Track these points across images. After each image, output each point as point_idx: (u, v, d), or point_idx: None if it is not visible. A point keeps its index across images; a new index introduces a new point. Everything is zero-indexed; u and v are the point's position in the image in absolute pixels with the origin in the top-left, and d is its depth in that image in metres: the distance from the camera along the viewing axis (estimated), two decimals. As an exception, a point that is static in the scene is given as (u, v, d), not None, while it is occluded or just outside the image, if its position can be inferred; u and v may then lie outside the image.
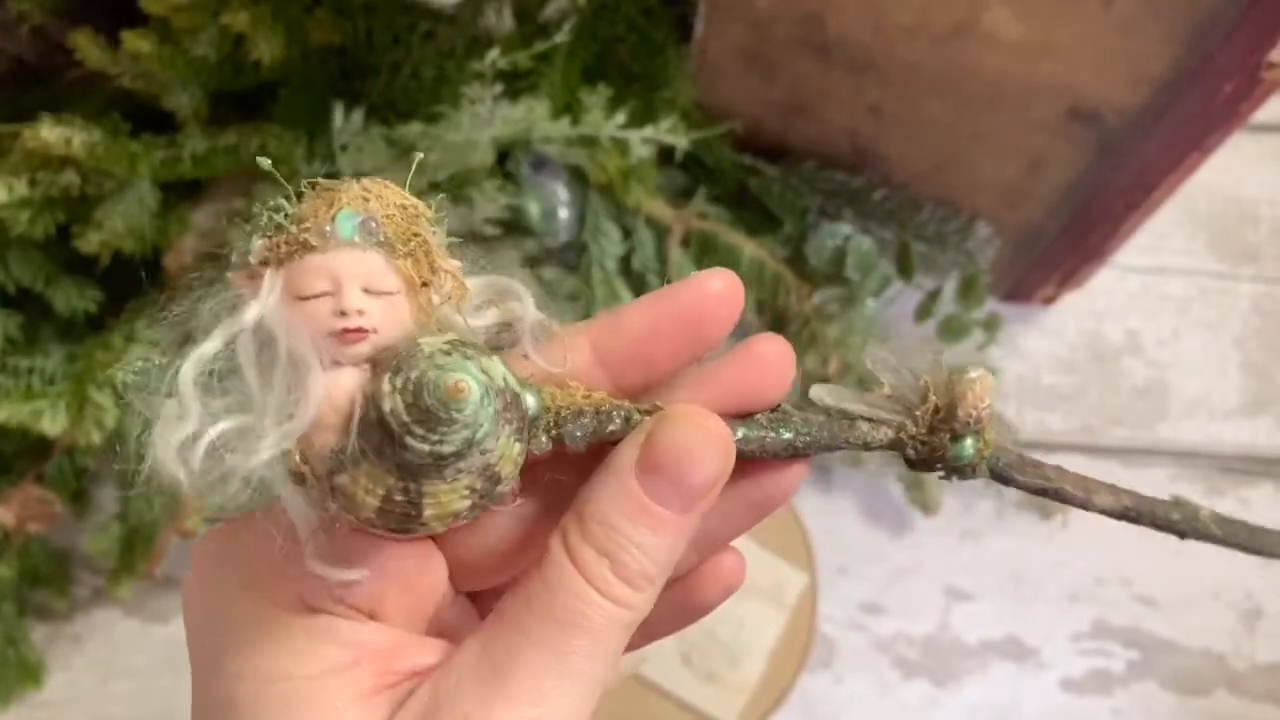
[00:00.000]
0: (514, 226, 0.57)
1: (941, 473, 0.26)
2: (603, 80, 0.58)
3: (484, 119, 0.54)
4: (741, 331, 0.25)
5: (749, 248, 0.60)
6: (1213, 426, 0.69)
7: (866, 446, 0.26)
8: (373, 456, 0.21)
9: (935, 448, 0.25)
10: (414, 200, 0.23)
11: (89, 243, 0.52)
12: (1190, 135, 0.52)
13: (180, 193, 0.55)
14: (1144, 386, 0.70)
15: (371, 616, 0.25)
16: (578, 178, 0.59)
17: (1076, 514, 0.66)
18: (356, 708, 0.23)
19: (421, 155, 0.25)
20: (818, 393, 0.26)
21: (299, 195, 0.23)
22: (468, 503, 0.22)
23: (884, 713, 0.63)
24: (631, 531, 0.23)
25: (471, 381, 0.21)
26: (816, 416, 0.26)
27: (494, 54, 0.54)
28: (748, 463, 0.25)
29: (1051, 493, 0.26)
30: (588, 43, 0.58)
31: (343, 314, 0.21)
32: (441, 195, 0.24)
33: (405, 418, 0.21)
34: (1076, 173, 0.58)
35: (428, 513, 0.22)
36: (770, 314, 0.61)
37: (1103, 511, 0.27)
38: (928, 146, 0.61)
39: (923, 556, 0.66)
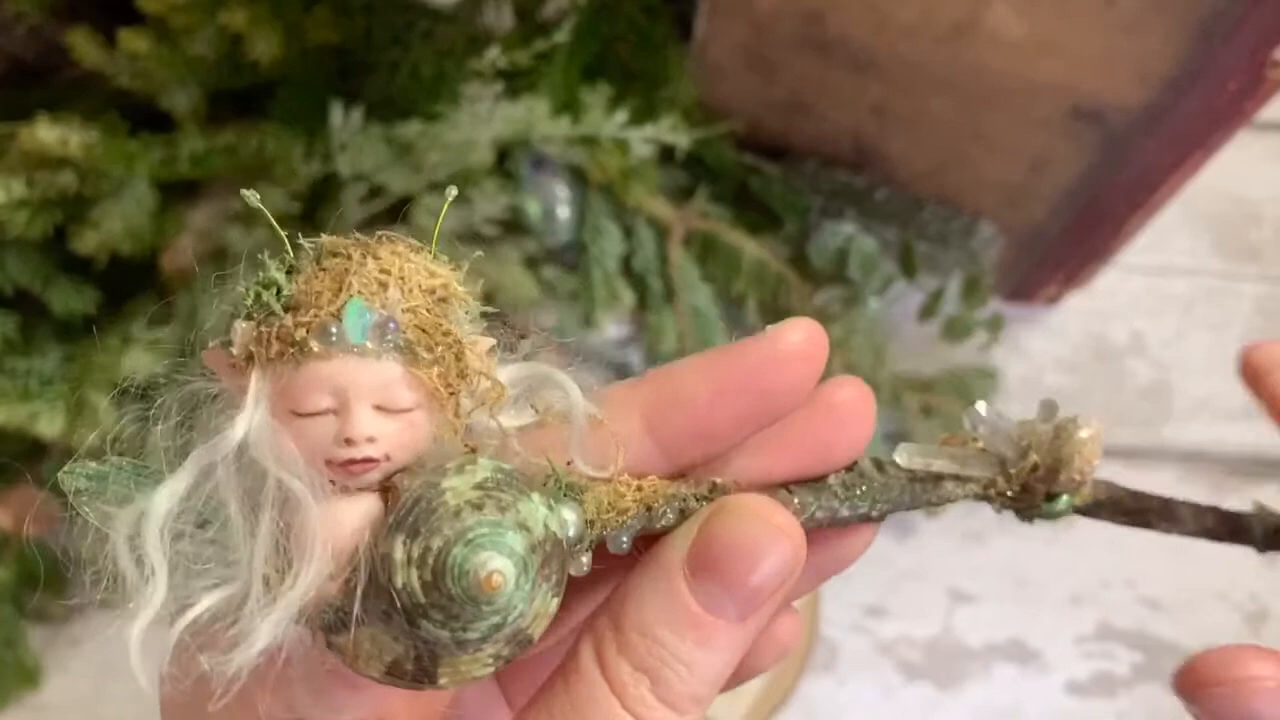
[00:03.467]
0: (514, 226, 0.57)
1: (1020, 517, 0.24)
2: (603, 79, 0.58)
3: (483, 118, 0.53)
4: (745, 331, 0.23)
5: (750, 247, 0.60)
6: (1218, 427, 0.68)
7: (949, 502, 0.23)
8: (379, 622, 0.17)
9: (1027, 505, 0.23)
10: (444, 275, 0.19)
11: (86, 243, 0.51)
12: (1194, 134, 0.52)
13: (178, 193, 0.54)
14: (1148, 387, 0.69)
15: None
16: (578, 177, 0.58)
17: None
18: None
19: (455, 192, 0.20)
20: (905, 455, 0.23)
21: (293, 261, 0.18)
22: (490, 669, 0.18)
23: (886, 716, 0.62)
24: (678, 646, 0.19)
25: (506, 568, 0.17)
26: (898, 477, 0.22)
27: (493, 52, 0.54)
28: (815, 530, 0.22)
29: (1141, 523, 0.25)
30: (588, 41, 0.58)
31: (347, 441, 0.17)
32: (478, 252, 0.20)
33: (421, 599, 0.17)
34: (1080, 172, 0.57)
35: (442, 680, 0.18)
36: (772, 315, 0.61)
37: (1193, 534, 0.25)
38: (930, 146, 0.60)
39: (926, 559, 0.65)
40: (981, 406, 0.23)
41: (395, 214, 0.55)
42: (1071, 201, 0.60)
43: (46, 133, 0.48)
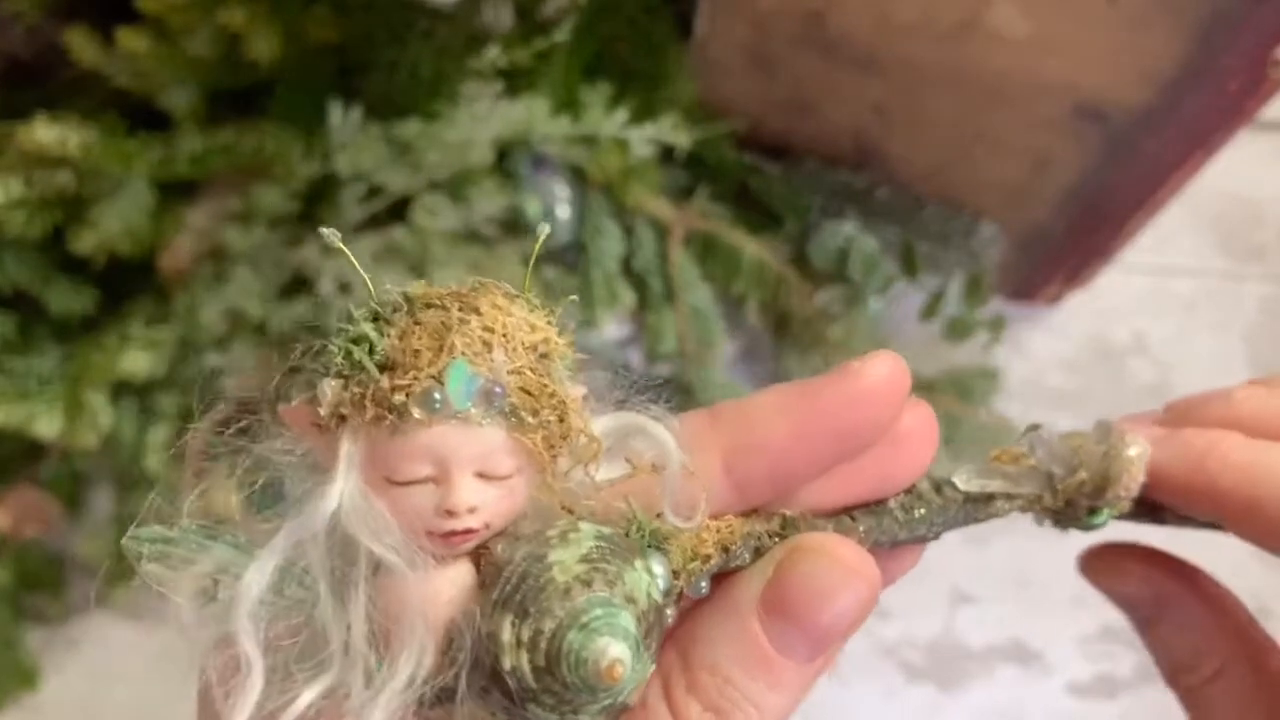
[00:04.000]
0: (514, 226, 0.57)
1: (1056, 526, 0.24)
2: (603, 78, 0.58)
3: (483, 117, 0.53)
4: (745, 331, 0.22)
5: (751, 247, 0.60)
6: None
7: (995, 517, 0.23)
8: (477, 699, 0.17)
9: (1070, 517, 0.24)
10: (544, 328, 0.17)
11: (84, 243, 0.51)
12: (1197, 133, 0.52)
13: (176, 192, 0.54)
14: (1150, 386, 0.69)
15: None
16: (578, 177, 0.58)
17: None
18: None
19: (549, 230, 0.19)
20: (964, 478, 0.23)
21: (382, 311, 0.17)
22: None
23: (888, 717, 0.62)
24: (749, 686, 0.19)
25: (626, 655, 0.16)
26: (954, 499, 0.22)
27: (493, 52, 0.54)
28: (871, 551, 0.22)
29: (1157, 519, 0.25)
30: (588, 40, 0.58)
31: (449, 513, 0.16)
32: (573, 297, 0.18)
33: (532, 684, 0.16)
34: (1082, 171, 0.57)
35: None
36: (773, 315, 0.60)
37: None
38: (932, 145, 0.60)
39: (927, 560, 0.65)
40: (1045, 429, 0.23)
41: (394, 213, 0.55)
42: (1073, 201, 0.59)
43: (45, 132, 0.48)
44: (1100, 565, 0.28)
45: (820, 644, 0.20)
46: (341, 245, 0.17)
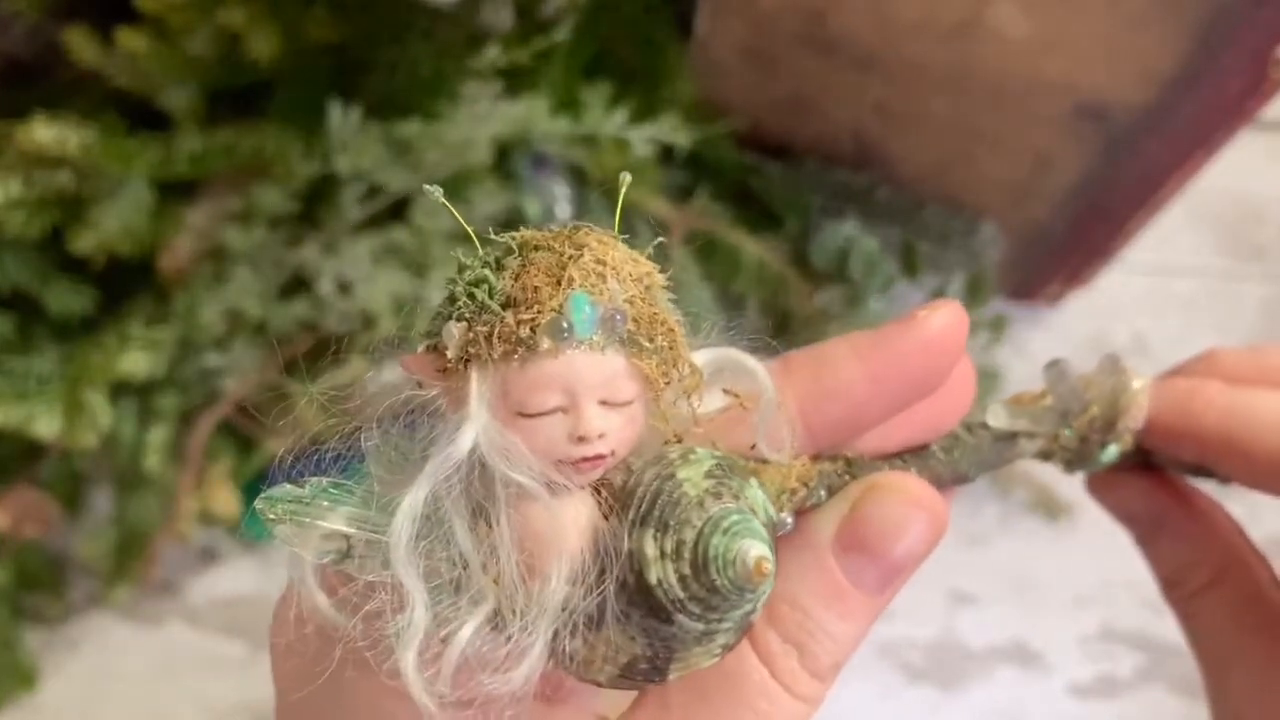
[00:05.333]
0: (514, 226, 0.57)
1: (1067, 469, 0.25)
2: (603, 78, 0.58)
3: (483, 117, 0.53)
4: (746, 332, 0.23)
5: (751, 247, 0.60)
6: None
7: (1019, 458, 0.24)
8: (619, 621, 0.17)
9: (1083, 455, 0.25)
10: (647, 264, 0.18)
11: (84, 243, 0.51)
12: (1197, 133, 0.52)
13: (176, 192, 0.54)
14: (1150, 387, 0.69)
15: None
16: (578, 176, 0.58)
17: (1083, 517, 0.65)
18: None
19: (629, 178, 0.19)
20: (994, 417, 0.24)
21: (495, 256, 0.17)
22: (717, 658, 0.18)
23: (888, 717, 0.62)
24: (825, 617, 0.20)
25: (768, 554, 0.17)
26: (985, 438, 0.24)
27: (493, 51, 0.54)
28: None
29: (1163, 466, 0.26)
30: (588, 40, 0.58)
31: (581, 439, 0.17)
32: (659, 240, 0.19)
33: (680, 593, 0.17)
34: (1083, 170, 0.57)
35: (671, 676, 0.18)
36: (773, 314, 0.60)
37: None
38: (932, 144, 0.60)
39: (927, 561, 0.65)
40: (1064, 363, 0.24)
41: (394, 213, 0.55)
42: (1074, 200, 0.59)
43: (44, 132, 0.48)
44: (1105, 484, 0.29)
45: (890, 575, 0.21)
46: (445, 201, 0.18)
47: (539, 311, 0.17)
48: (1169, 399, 0.26)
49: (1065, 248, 0.63)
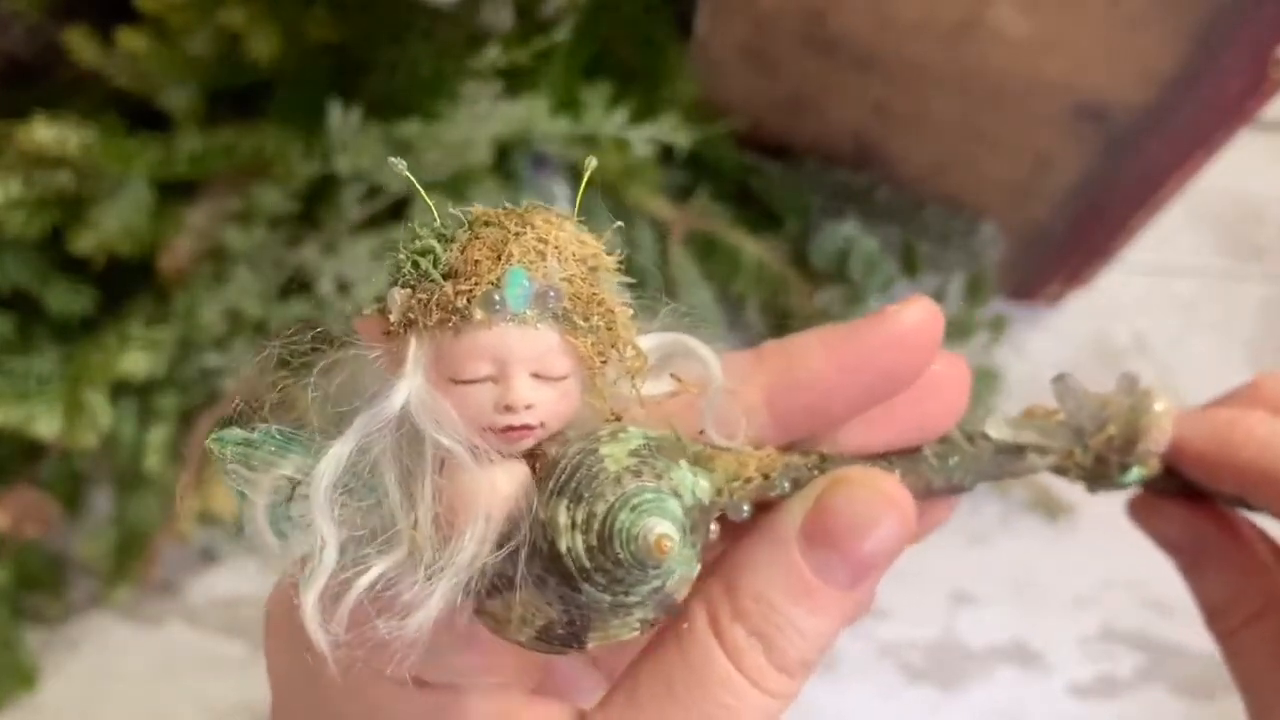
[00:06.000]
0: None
1: (1089, 488, 0.25)
2: (603, 78, 0.58)
3: (483, 117, 0.53)
4: (744, 329, 0.23)
5: (751, 247, 0.60)
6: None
7: (1029, 473, 0.24)
8: (534, 587, 0.18)
9: (1100, 475, 0.24)
10: (595, 245, 0.19)
11: (84, 243, 0.51)
12: (1197, 133, 0.52)
13: (176, 192, 0.54)
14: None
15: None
16: (578, 176, 0.58)
17: (1083, 516, 0.65)
18: None
19: (595, 163, 0.20)
20: (995, 427, 0.23)
21: (445, 229, 0.18)
22: (637, 632, 0.19)
23: (888, 717, 0.62)
24: (792, 612, 0.20)
25: (673, 533, 0.17)
26: (986, 448, 0.23)
27: (493, 51, 0.54)
28: None
29: (1199, 496, 0.25)
30: (588, 40, 0.58)
31: (508, 408, 0.17)
32: (618, 224, 0.19)
33: (586, 563, 0.17)
34: (1083, 170, 0.57)
35: (590, 644, 0.18)
36: (773, 314, 0.60)
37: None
38: (932, 144, 0.60)
39: (927, 560, 0.65)
40: (1070, 378, 0.24)
41: (394, 213, 0.55)
42: (1074, 200, 0.59)
43: (44, 132, 0.48)
44: (1146, 509, 0.28)
45: (859, 572, 0.20)
46: (408, 174, 0.18)
47: (476, 284, 0.17)
48: (1209, 429, 0.25)
49: (1065, 248, 0.63)
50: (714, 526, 0.20)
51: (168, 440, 0.55)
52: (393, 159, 0.19)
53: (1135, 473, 0.24)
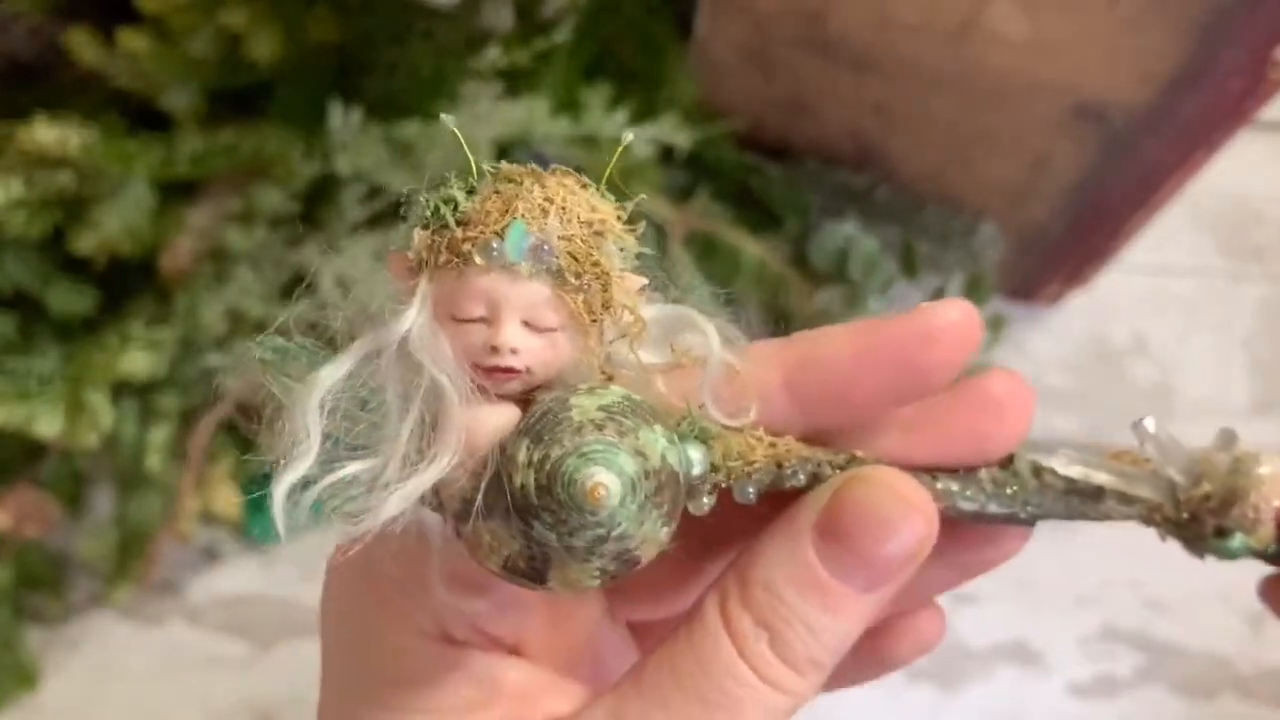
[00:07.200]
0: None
1: (1185, 547, 0.23)
2: (603, 78, 0.58)
3: (483, 118, 0.53)
4: (744, 329, 0.23)
5: (751, 247, 0.60)
6: (1220, 428, 0.68)
7: (1107, 519, 0.22)
8: (499, 518, 0.19)
9: (1196, 537, 0.22)
10: (605, 211, 0.20)
11: (85, 243, 0.51)
12: (1197, 133, 0.52)
13: (177, 193, 0.54)
14: (1150, 388, 0.69)
15: (513, 652, 0.22)
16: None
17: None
18: None
19: (631, 137, 0.22)
20: (1063, 461, 0.22)
21: (474, 182, 0.20)
22: (597, 581, 0.19)
23: (888, 717, 0.62)
24: (800, 606, 0.20)
25: (612, 483, 0.18)
26: (1054, 485, 0.22)
27: (493, 52, 0.54)
28: (958, 523, 0.22)
29: None
30: (588, 41, 0.58)
31: (494, 349, 0.19)
32: (642, 195, 0.20)
33: (534, 500, 0.18)
34: (1082, 171, 0.57)
35: (552, 582, 0.19)
36: (773, 314, 0.60)
37: None
38: (932, 145, 0.60)
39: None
40: (1150, 421, 0.22)
41: (395, 213, 0.55)
42: (1073, 201, 0.60)
43: (45, 132, 0.48)
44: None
45: (876, 575, 0.20)
46: (455, 129, 0.20)
47: (481, 232, 0.19)
48: None
49: (1065, 248, 0.63)
50: (707, 500, 0.20)
51: (169, 440, 0.55)
52: (445, 115, 0.20)
53: (1239, 541, 0.22)
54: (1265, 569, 0.25)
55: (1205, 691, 0.63)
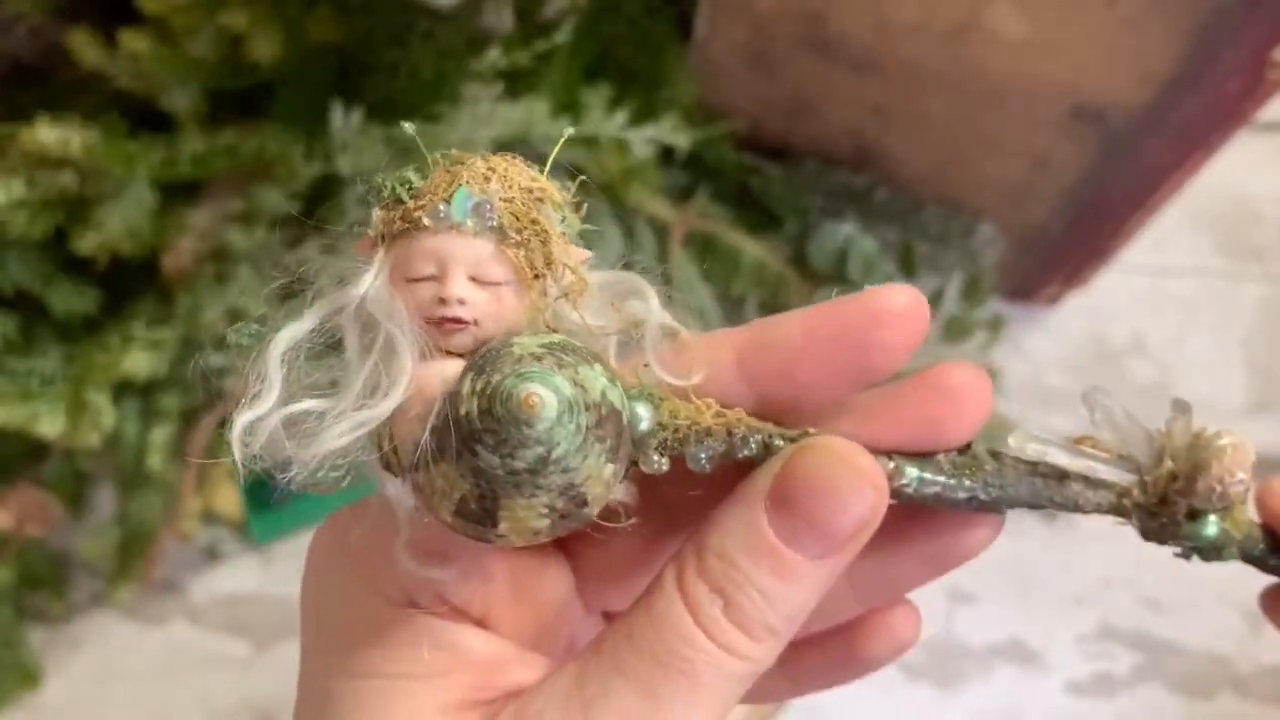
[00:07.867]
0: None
1: (1179, 551, 0.22)
2: (603, 79, 0.58)
3: (483, 118, 0.53)
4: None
5: (750, 247, 0.60)
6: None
7: (1078, 509, 0.22)
8: (450, 457, 0.20)
9: (1167, 522, 0.22)
10: (543, 182, 0.21)
11: (87, 244, 0.51)
12: (1195, 134, 0.52)
13: (178, 193, 0.54)
14: (1149, 387, 0.69)
15: (481, 624, 0.23)
16: (574, 176, 0.58)
17: (1082, 516, 0.65)
18: (441, 718, 0.21)
19: (572, 131, 0.25)
20: (1020, 440, 0.22)
21: (427, 167, 0.22)
22: (546, 521, 0.20)
23: (887, 716, 0.62)
24: (753, 572, 0.20)
25: (547, 395, 0.19)
26: (1016, 467, 0.22)
27: (494, 53, 0.54)
28: (925, 511, 0.22)
29: None
30: (588, 42, 0.58)
31: (442, 301, 0.20)
32: (582, 179, 0.22)
33: (478, 425, 0.19)
34: (1081, 172, 0.57)
35: (503, 525, 0.20)
36: (772, 314, 0.61)
37: None
38: (931, 146, 0.60)
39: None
40: (1101, 392, 0.22)
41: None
42: (1072, 201, 0.60)
43: (47, 133, 0.48)
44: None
45: (827, 542, 0.20)
46: (415, 135, 0.22)
47: (430, 200, 0.21)
48: None
49: (1064, 248, 0.63)
50: (660, 460, 0.21)
51: (170, 440, 0.55)
52: (405, 123, 0.22)
53: (1211, 525, 0.21)
54: (1264, 573, 0.24)
55: (1203, 690, 0.63)
